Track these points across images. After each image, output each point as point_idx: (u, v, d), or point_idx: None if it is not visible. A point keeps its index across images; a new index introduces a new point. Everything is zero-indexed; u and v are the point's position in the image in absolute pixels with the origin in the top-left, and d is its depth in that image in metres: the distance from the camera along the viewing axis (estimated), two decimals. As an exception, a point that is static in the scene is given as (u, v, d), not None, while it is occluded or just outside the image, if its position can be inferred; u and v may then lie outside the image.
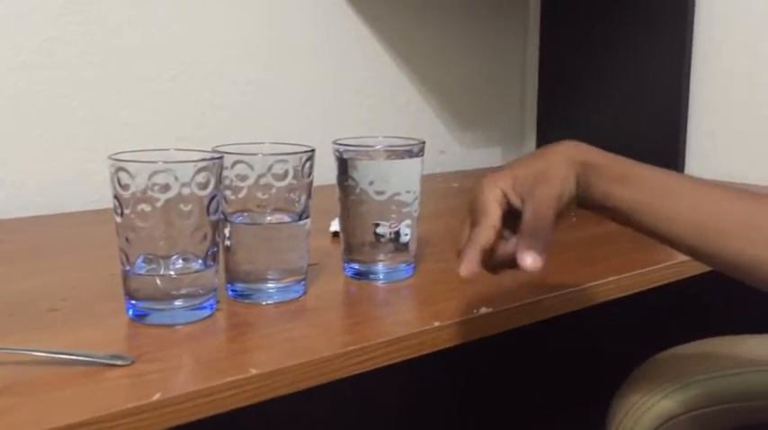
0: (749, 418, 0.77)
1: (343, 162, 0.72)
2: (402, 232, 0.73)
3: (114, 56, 1.07)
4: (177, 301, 0.60)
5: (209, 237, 0.61)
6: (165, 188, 0.58)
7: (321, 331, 0.61)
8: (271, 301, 0.66)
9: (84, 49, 1.04)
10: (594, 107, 1.41)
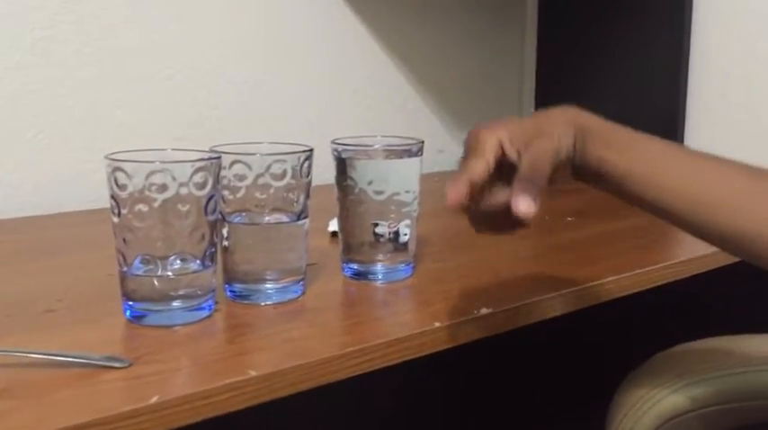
0: (754, 418, 0.77)
1: (341, 162, 0.72)
2: (401, 232, 0.72)
3: (110, 55, 1.06)
4: (175, 302, 0.60)
5: (206, 237, 0.60)
6: (163, 188, 0.57)
7: (320, 332, 0.61)
8: (269, 302, 0.66)
9: (80, 49, 1.04)
10: (592, 107, 1.38)
